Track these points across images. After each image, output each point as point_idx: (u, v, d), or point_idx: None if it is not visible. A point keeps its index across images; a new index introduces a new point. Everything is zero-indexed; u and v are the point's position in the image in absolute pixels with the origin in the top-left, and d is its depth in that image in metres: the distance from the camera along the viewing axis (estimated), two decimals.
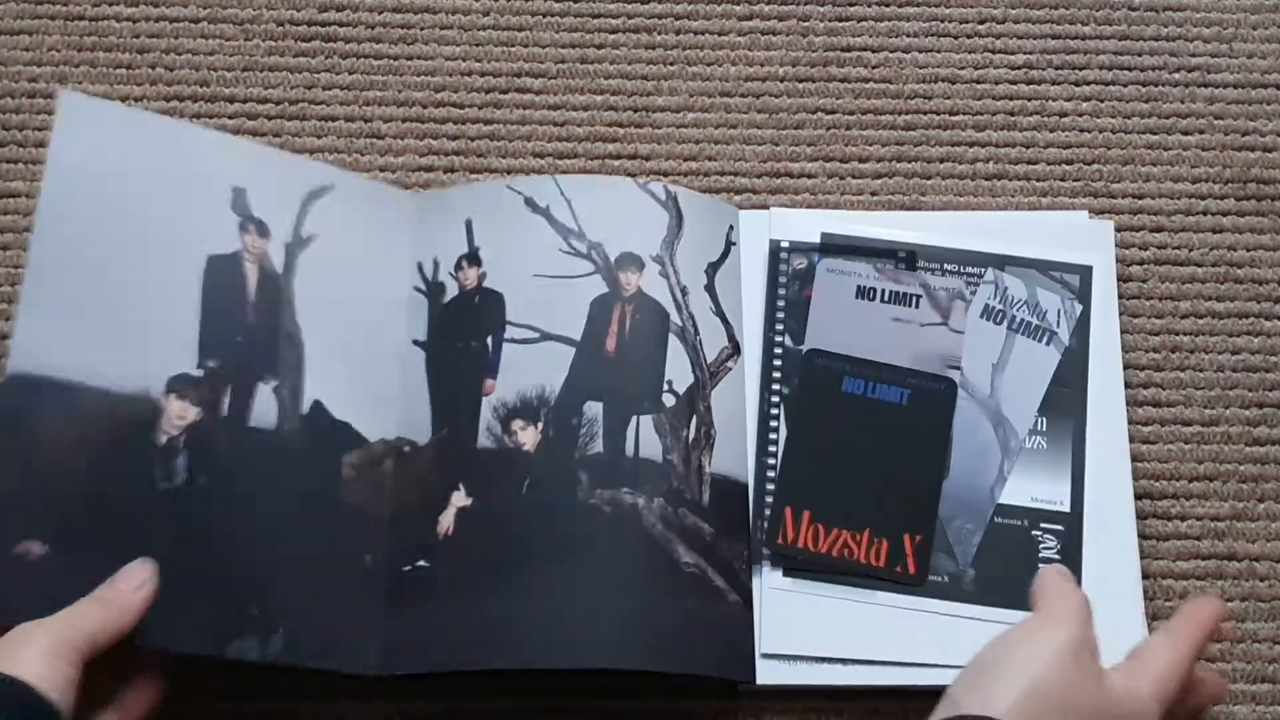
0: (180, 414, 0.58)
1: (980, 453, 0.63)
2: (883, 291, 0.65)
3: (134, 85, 0.72)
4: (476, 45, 0.73)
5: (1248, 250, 0.69)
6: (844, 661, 0.59)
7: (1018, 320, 0.65)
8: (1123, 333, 0.67)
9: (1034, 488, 0.62)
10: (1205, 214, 0.70)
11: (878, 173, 0.70)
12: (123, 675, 0.54)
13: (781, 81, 0.73)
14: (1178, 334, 0.67)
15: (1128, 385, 0.65)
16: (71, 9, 0.73)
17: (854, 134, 0.72)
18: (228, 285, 0.60)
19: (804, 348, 0.64)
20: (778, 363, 0.64)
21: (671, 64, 0.73)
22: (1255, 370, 0.67)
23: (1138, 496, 0.63)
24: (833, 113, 0.72)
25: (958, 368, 0.64)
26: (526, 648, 0.57)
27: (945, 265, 0.66)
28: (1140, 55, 0.74)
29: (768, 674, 0.59)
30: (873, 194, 0.70)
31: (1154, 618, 0.62)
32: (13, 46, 0.72)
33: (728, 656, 0.59)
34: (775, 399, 0.64)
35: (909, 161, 0.71)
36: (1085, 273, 0.66)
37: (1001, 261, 0.66)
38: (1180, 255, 0.69)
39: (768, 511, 0.62)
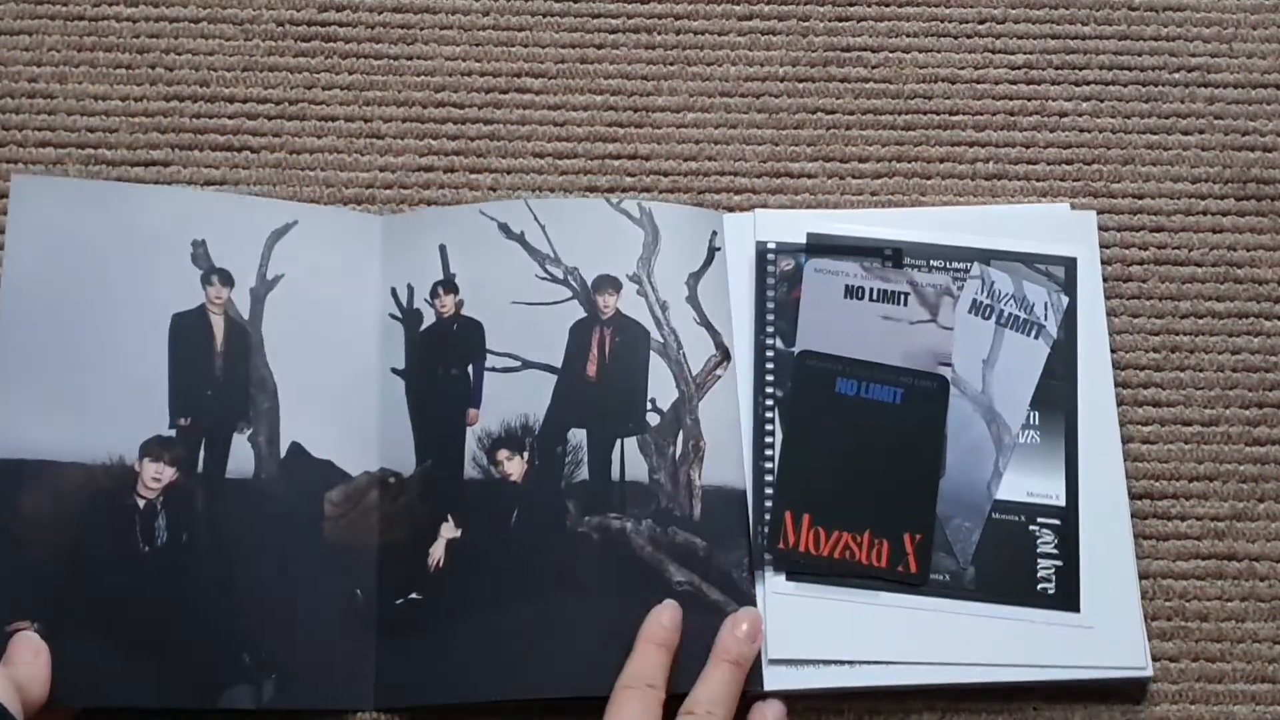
0: (155, 475, 0.59)
1: (975, 450, 0.63)
2: (871, 290, 0.65)
3: (134, 85, 0.72)
4: (476, 45, 0.73)
5: (1248, 250, 0.69)
6: (849, 664, 0.59)
7: (1005, 315, 0.65)
8: (1122, 333, 0.67)
9: (1029, 482, 0.62)
10: (1205, 214, 0.70)
11: (878, 173, 0.70)
12: None
13: (781, 81, 0.73)
14: (1177, 334, 0.67)
15: (1127, 385, 0.65)
16: (71, 9, 0.73)
17: (854, 134, 0.72)
18: (194, 341, 0.61)
19: (795, 349, 0.64)
20: (770, 365, 0.64)
21: (671, 64, 0.73)
22: (1255, 370, 0.67)
23: (1137, 496, 0.63)
24: (832, 113, 0.72)
25: (949, 364, 0.64)
26: (523, 678, 0.58)
27: (932, 262, 0.66)
28: (1140, 55, 0.74)
29: (774, 680, 0.59)
30: (873, 194, 0.70)
31: (1153, 618, 0.62)
32: (13, 46, 0.72)
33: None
34: (769, 402, 0.64)
35: (909, 161, 0.71)
36: (1070, 264, 0.66)
37: (986, 256, 0.66)
38: (1180, 255, 0.69)
39: (767, 516, 0.62)
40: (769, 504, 0.62)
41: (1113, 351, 0.66)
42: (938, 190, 0.70)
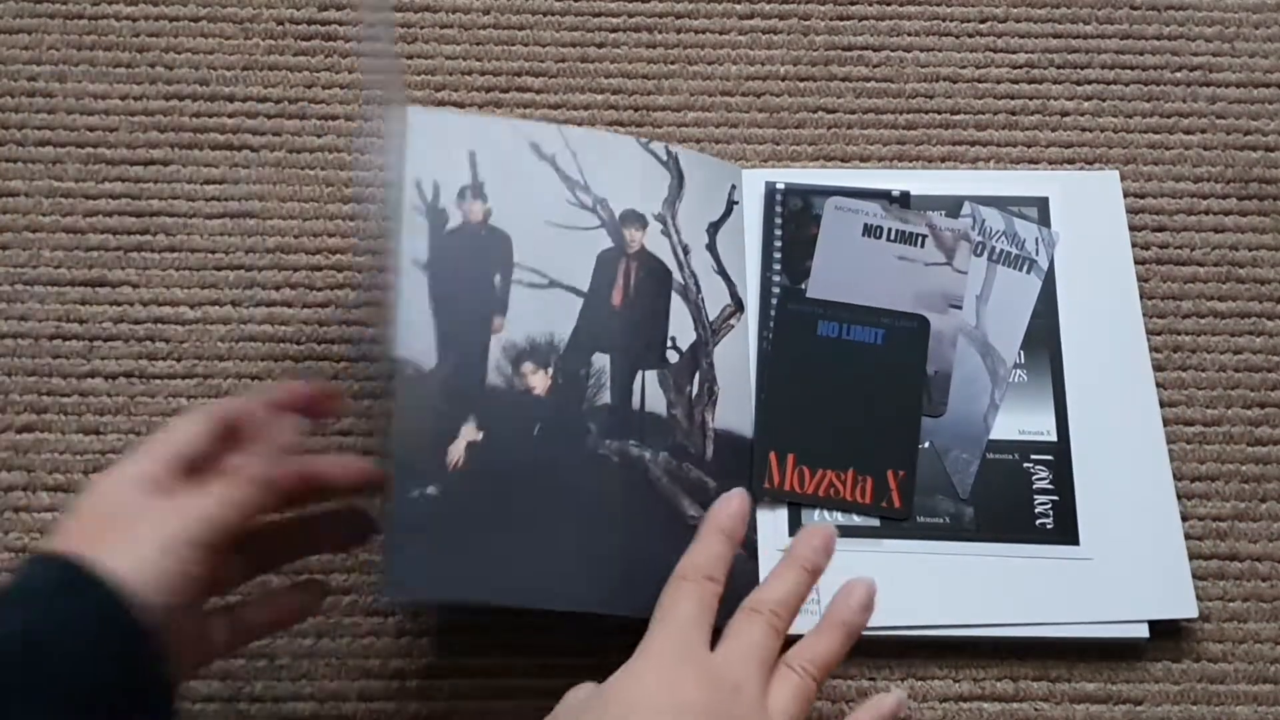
0: None
1: (970, 383, 0.64)
2: (889, 230, 0.66)
3: (133, 84, 0.71)
4: (477, 44, 0.73)
5: (1249, 250, 0.69)
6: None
7: (998, 251, 0.66)
8: None
9: (1020, 420, 0.63)
10: (1207, 214, 0.70)
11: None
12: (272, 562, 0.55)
13: (782, 80, 0.73)
14: (1179, 334, 0.67)
15: None
16: (71, 7, 0.73)
17: (855, 133, 0.71)
18: None
19: (808, 285, 0.65)
20: (774, 303, 0.65)
21: (672, 63, 0.73)
22: (1257, 370, 0.67)
23: None
24: (834, 112, 0.72)
25: (959, 306, 0.65)
26: (531, 587, 0.57)
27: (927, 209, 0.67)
28: (1142, 54, 0.74)
29: None
30: None
31: None
32: (12, 45, 0.72)
33: (729, 609, 0.59)
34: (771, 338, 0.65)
35: (910, 161, 0.71)
36: (1042, 204, 0.68)
37: (961, 201, 0.67)
38: (1182, 255, 0.69)
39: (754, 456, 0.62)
40: (754, 445, 0.63)
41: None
42: None
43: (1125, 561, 0.61)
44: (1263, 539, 0.63)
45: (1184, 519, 0.63)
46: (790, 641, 0.52)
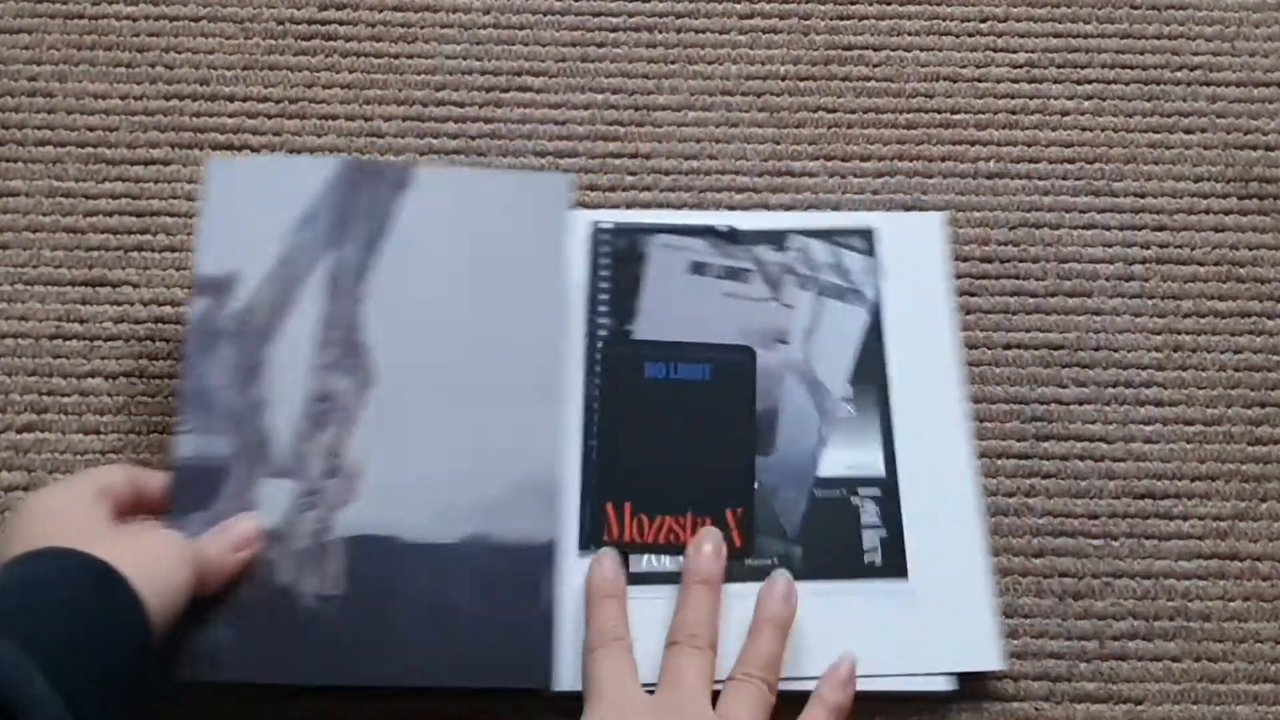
0: None
1: (799, 419, 0.63)
2: (716, 267, 0.65)
3: (134, 84, 0.71)
4: (477, 44, 0.73)
5: (1249, 249, 0.69)
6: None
7: (823, 283, 0.65)
8: (1124, 331, 0.67)
9: (848, 456, 0.62)
10: (1207, 213, 0.70)
11: (879, 171, 0.70)
12: None
13: (783, 80, 0.73)
14: (1179, 333, 0.67)
15: (1129, 385, 0.65)
16: (71, 7, 0.73)
17: (855, 132, 0.71)
18: None
19: (634, 326, 0.64)
20: (600, 347, 0.64)
21: (672, 63, 0.73)
22: (1257, 370, 0.67)
23: (1139, 496, 0.63)
24: (834, 111, 0.72)
25: (786, 341, 0.64)
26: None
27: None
28: (1142, 54, 0.74)
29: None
30: (874, 193, 0.70)
31: (1155, 618, 0.61)
32: (12, 45, 0.72)
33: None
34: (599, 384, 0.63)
35: (910, 160, 0.71)
36: (867, 234, 0.67)
37: (785, 235, 0.67)
38: (1182, 254, 0.69)
39: (591, 509, 0.60)
40: (591, 497, 0.60)
41: (1114, 351, 0.66)
42: (939, 189, 0.70)
43: (940, 607, 0.59)
44: (1263, 539, 0.63)
45: (1185, 519, 0.63)
46: None
